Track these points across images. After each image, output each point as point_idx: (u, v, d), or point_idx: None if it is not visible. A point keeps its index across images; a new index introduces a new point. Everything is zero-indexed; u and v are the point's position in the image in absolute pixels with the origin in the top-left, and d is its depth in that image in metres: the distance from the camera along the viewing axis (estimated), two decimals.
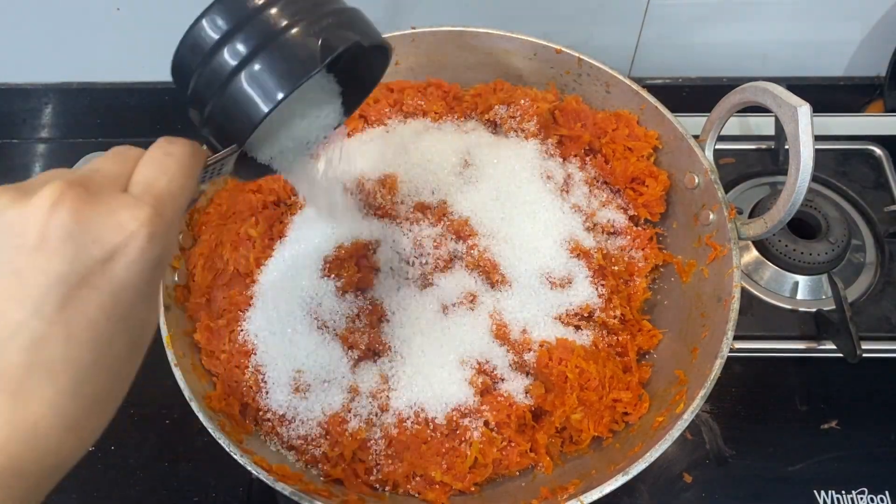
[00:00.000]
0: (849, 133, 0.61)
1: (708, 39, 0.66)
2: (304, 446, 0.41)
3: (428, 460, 0.40)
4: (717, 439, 0.48)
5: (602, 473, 0.38)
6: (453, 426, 0.40)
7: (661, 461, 0.43)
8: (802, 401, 0.49)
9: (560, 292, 0.45)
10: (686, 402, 0.38)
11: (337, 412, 0.41)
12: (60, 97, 0.68)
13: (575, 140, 0.51)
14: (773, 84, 0.41)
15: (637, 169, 0.49)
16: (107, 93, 0.68)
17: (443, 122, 0.52)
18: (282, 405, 0.41)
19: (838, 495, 0.45)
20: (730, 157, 0.59)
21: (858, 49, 0.67)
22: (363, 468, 0.40)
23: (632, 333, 0.46)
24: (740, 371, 0.50)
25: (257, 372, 0.42)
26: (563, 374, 0.41)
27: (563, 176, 0.49)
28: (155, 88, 0.67)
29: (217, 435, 0.37)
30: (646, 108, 0.49)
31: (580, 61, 0.51)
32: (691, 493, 0.46)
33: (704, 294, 0.44)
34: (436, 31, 0.52)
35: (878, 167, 0.60)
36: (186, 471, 0.47)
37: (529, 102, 0.51)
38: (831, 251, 0.53)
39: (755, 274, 0.54)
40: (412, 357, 0.42)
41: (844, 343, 0.48)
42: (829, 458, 0.47)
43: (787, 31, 0.65)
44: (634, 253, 0.49)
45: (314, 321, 0.43)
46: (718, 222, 0.45)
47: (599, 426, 0.41)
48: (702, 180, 0.46)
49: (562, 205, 0.48)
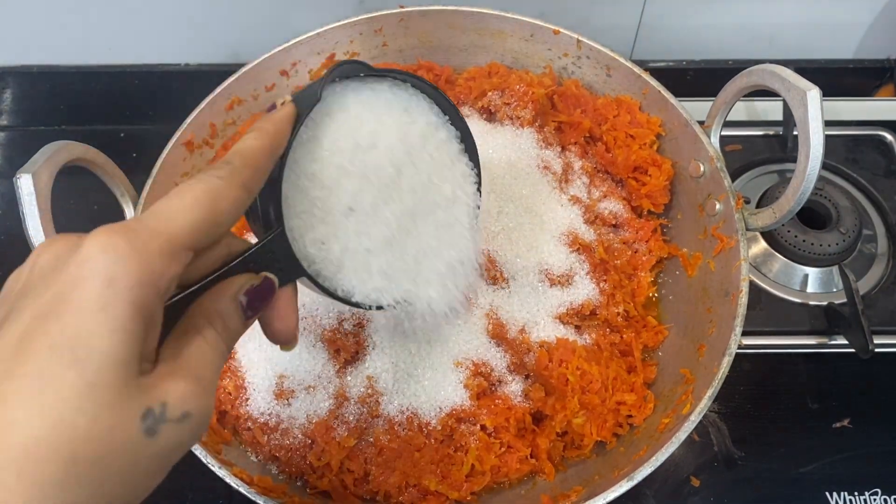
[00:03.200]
0: (859, 118, 0.61)
1: (713, 20, 0.65)
2: (288, 456, 0.40)
3: (422, 469, 0.39)
4: (726, 440, 0.48)
5: (606, 479, 0.37)
6: (448, 432, 0.40)
7: (668, 464, 0.43)
8: (813, 399, 0.49)
9: (560, 289, 0.44)
10: (693, 402, 0.38)
11: (323, 419, 0.40)
12: (19, 80, 0.66)
13: (574, 127, 0.51)
14: (781, 67, 0.41)
15: (639, 157, 0.49)
16: (70, 76, 0.66)
17: None
18: (263, 412, 0.40)
19: (851, 497, 0.45)
20: (736, 143, 0.59)
21: (868, 31, 0.67)
22: (352, 479, 0.39)
23: (636, 331, 0.45)
24: (749, 368, 0.50)
25: (236, 377, 0.41)
26: (564, 376, 0.41)
27: (562, 166, 0.49)
28: (123, 72, 0.66)
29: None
30: (648, 93, 0.49)
31: (579, 43, 0.50)
32: (699, 498, 0.46)
33: (711, 288, 0.44)
34: (426, 10, 0.51)
35: (889, 154, 0.60)
36: (161, 484, 0.46)
37: (525, 88, 0.50)
38: (842, 242, 0.53)
39: (763, 266, 0.54)
40: (403, 359, 0.41)
41: (856, 338, 0.48)
42: (841, 458, 0.47)
43: (795, 12, 0.65)
44: (638, 246, 0.48)
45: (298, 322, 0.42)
46: (725, 212, 0.44)
47: (603, 430, 0.41)
48: (707, 168, 0.46)
49: (560, 197, 0.47)
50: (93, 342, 0.18)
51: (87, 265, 0.19)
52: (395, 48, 0.53)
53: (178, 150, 0.47)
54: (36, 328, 0.18)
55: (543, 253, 0.45)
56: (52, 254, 0.20)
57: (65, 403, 0.17)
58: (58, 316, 0.18)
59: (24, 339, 0.18)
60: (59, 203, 0.38)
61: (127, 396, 0.19)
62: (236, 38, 0.65)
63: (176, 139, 0.47)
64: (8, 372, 0.18)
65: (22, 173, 0.36)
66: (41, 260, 0.20)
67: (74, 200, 0.55)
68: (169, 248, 0.20)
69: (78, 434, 0.17)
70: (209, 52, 0.66)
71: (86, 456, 0.17)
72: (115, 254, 0.19)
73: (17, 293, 0.20)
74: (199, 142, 0.49)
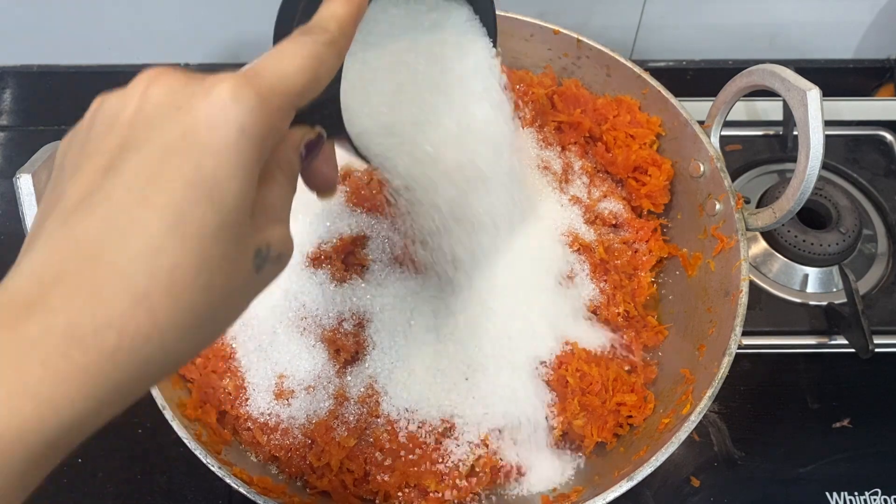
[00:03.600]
0: (859, 118, 0.61)
1: (713, 20, 0.65)
2: (288, 456, 0.40)
3: (421, 469, 0.39)
4: (726, 440, 0.48)
5: (606, 479, 0.37)
6: (448, 432, 0.40)
7: (668, 465, 0.43)
8: (813, 399, 0.49)
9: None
10: (693, 402, 0.38)
11: (323, 419, 0.40)
12: (19, 80, 0.66)
13: (574, 127, 0.51)
14: (781, 67, 0.41)
15: (639, 157, 0.49)
16: (71, 76, 0.66)
17: None
18: (263, 413, 0.40)
19: (851, 497, 0.45)
20: (736, 143, 0.59)
21: (868, 30, 0.67)
22: (352, 479, 0.39)
23: (636, 331, 0.45)
24: (749, 368, 0.50)
25: (236, 377, 0.41)
26: (564, 378, 0.41)
27: (562, 166, 0.49)
28: (124, 72, 0.65)
29: (193, 445, 0.36)
30: (648, 93, 0.49)
31: (579, 43, 0.51)
32: (699, 498, 0.46)
33: (711, 288, 0.44)
34: None
35: (889, 154, 0.60)
36: (161, 483, 0.46)
37: (524, 88, 0.50)
38: (842, 242, 0.53)
39: (763, 266, 0.54)
40: (403, 359, 0.41)
41: (856, 338, 0.48)
42: (841, 458, 0.47)
43: (795, 12, 0.65)
44: (638, 246, 0.48)
45: (297, 322, 0.42)
46: (725, 212, 0.44)
47: (603, 431, 0.41)
48: (707, 168, 0.46)
49: (560, 197, 0.47)
50: (227, 184, 0.19)
51: (221, 112, 0.20)
52: None
53: None
54: (169, 163, 0.19)
55: (544, 253, 0.45)
56: (166, 90, 0.20)
57: (201, 237, 0.19)
58: (191, 155, 0.19)
59: (157, 171, 0.19)
60: None
61: (246, 236, 0.21)
62: (236, 38, 0.65)
63: None
64: (144, 200, 0.19)
65: (22, 173, 0.36)
66: (154, 94, 0.20)
67: None
68: (285, 106, 0.22)
69: (211, 265, 0.19)
70: (209, 52, 0.66)
71: (215, 284, 0.19)
72: (248, 104, 0.20)
73: (129, 122, 0.20)
74: None
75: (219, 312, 0.20)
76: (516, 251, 0.43)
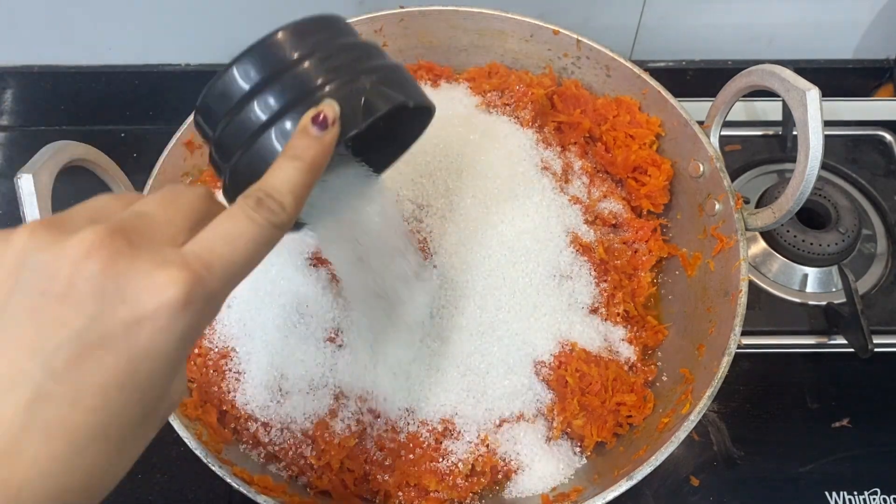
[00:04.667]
0: (858, 118, 0.61)
1: (713, 20, 0.65)
2: (289, 456, 0.40)
3: (421, 468, 0.39)
4: (725, 440, 0.48)
5: (606, 478, 0.37)
6: (448, 431, 0.40)
7: (667, 464, 0.43)
8: (813, 398, 0.50)
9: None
10: (692, 401, 0.38)
11: (323, 419, 0.40)
12: (19, 80, 0.66)
13: (574, 127, 0.51)
14: (781, 67, 0.41)
15: (639, 157, 0.49)
16: (70, 76, 0.66)
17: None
18: (263, 412, 0.40)
19: (850, 496, 0.45)
20: (736, 143, 0.59)
21: (868, 31, 0.67)
22: (352, 479, 0.40)
23: (636, 331, 0.45)
24: (748, 368, 0.50)
25: (236, 376, 0.41)
26: (563, 378, 0.41)
27: (562, 166, 0.49)
28: (124, 72, 0.66)
29: (194, 445, 0.36)
30: (648, 93, 0.49)
31: (579, 43, 0.51)
32: (699, 497, 0.46)
33: (710, 288, 0.44)
34: (426, 10, 0.51)
35: (888, 154, 0.60)
36: (161, 483, 0.46)
37: (524, 88, 0.50)
38: (841, 242, 0.53)
39: (763, 266, 0.54)
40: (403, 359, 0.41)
41: (855, 337, 0.48)
42: (840, 457, 0.47)
43: (795, 12, 0.65)
44: (637, 246, 0.48)
45: (298, 320, 0.42)
46: (724, 212, 0.44)
47: (603, 431, 0.41)
48: (707, 168, 0.46)
49: (560, 197, 0.47)
50: (160, 384, 0.20)
51: (170, 319, 0.19)
52: (395, 48, 0.53)
53: (178, 150, 0.47)
54: (100, 359, 0.19)
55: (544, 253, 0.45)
56: (107, 269, 0.19)
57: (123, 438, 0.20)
58: (128, 356, 0.19)
59: (84, 363, 0.19)
60: (59, 203, 0.38)
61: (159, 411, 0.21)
62: (236, 39, 0.65)
63: (176, 139, 0.47)
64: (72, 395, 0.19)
65: (22, 173, 0.36)
66: (91, 271, 0.19)
67: (75, 201, 0.55)
68: (227, 292, 0.21)
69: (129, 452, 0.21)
70: (209, 52, 0.66)
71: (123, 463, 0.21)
72: (196, 307, 0.20)
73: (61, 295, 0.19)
74: (199, 142, 0.49)
75: (119, 469, 0.21)
76: (516, 251, 0.43)
